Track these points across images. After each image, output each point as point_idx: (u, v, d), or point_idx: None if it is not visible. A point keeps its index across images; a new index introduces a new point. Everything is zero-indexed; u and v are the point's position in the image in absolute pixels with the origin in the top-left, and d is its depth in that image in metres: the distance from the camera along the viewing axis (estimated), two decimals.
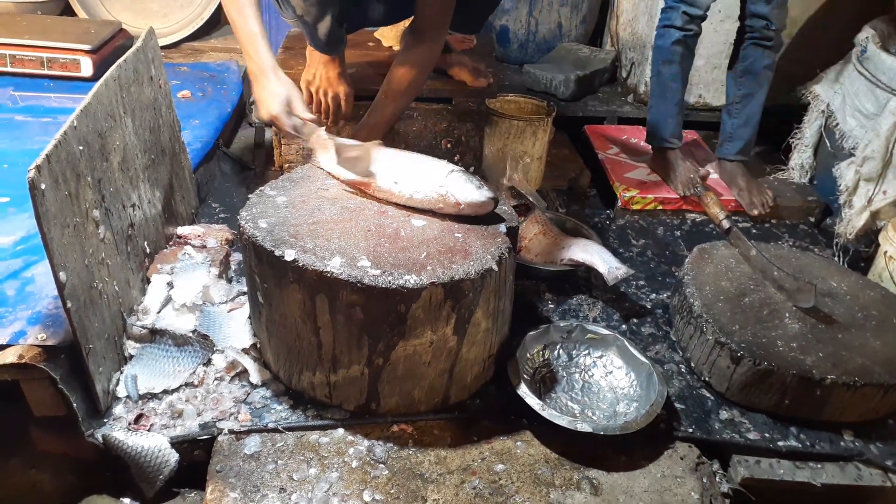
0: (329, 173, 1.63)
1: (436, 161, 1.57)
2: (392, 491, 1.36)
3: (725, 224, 1.99)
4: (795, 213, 2.46)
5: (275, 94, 1.63)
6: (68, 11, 3.09)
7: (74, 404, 1.36)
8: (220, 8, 3.18)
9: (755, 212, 2.38)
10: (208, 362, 1.55)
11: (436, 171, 1.51)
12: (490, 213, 1.51)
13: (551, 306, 1.90)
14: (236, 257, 1.89)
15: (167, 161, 1.87)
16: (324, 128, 1.65)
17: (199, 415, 1.46)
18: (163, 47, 1.94)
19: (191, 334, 1.57)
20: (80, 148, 1.38)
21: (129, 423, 1.42)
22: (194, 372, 1.53)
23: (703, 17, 2.29)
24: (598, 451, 1.48)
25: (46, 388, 1.39)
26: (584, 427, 1.44)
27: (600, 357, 1.68)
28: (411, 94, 1.99)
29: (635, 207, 2.41)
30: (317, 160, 1.65)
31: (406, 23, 2.32)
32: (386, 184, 1.53)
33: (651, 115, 2.48)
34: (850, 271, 1.93)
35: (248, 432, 1.44)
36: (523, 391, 1.49)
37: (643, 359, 1.61)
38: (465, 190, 1.47)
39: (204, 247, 1.85)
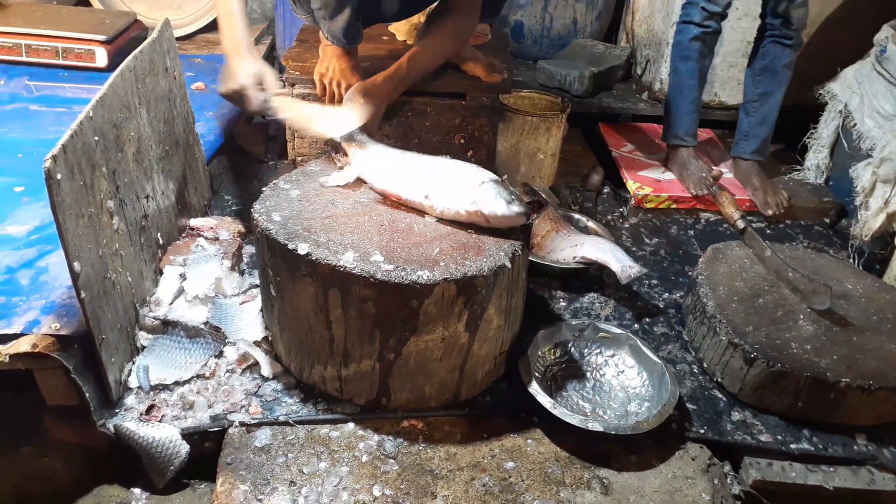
0: (362, 180, 1.60)
1: (468, 170, 1.53)
2: (402, 486, 1.36)
3: (740, 224, 1.98)
4: (811, 214, 2.44)
5: (245, 67, 1.61)
6: (83, 2, 3.10)
7: (87, 394, 1.37)
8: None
9: (769, 212, 2.36)
10: (220, 354, 1.56)
11: (467, 183, 1.47)
12: (526, 222, 1.47)
13: (563, 304, 1.89)
14: (249, 250, 1.89)
15: (181, 152, 1.88)
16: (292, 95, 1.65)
17: (210, 406, 1.47)
18: (177, 39, 1.94)
19: (203, 326, 1.57)
20: (96, 138, 1.38)
21: (141, 414, 1.43)
22: (206, 364, 1.53)
23: (724, 15, 2.27)
24: (608, 450, 1.48)
25: (59, 378, 1.39)
26: (595, 426, 1.43)
27: (612, 356, 1.67)
28: (436, 61, 1.97)
29: (649, 206, 2.40)
30: (340, 174, 1.63)
31: (420, 18, 2.31)
32: (416, 198, 1.50)
33: (667, 112, 2.46)
34: (866, 273, 1.92)
35: (259, 425, 1.44)
36: (534, 389, 1.49)
37: (655, 358, 1.60)
38: (496, 205, 1.43)
39: (216, 239, 1.85)
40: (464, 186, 1.47)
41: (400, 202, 1.53)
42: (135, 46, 1.65)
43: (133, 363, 1.51)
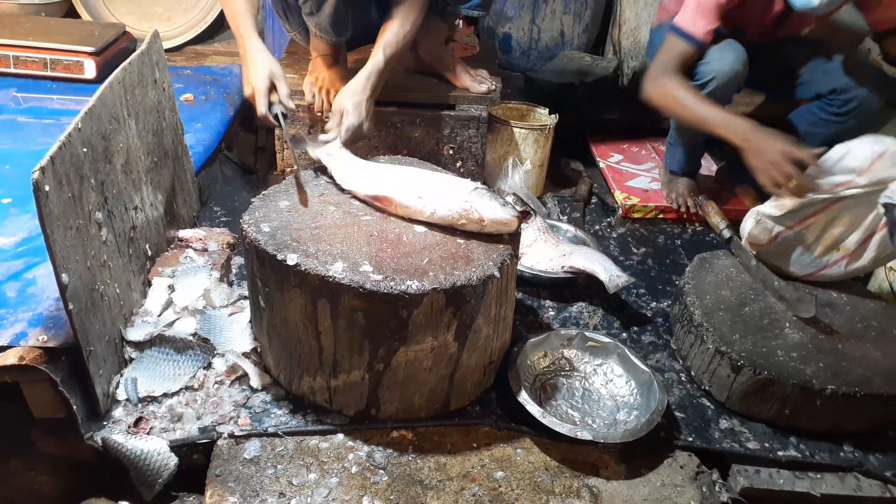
0: (349, 191, 1.59)
1: (458, 178, 1.56)
2: (391, 497, 1.36)
3: (726, 233, 1.99)
4: None
5: (258, 71, 1.69)
6: (72, 13, 3.10)
7: (74, 406, 1.36)
8: (224, 12, 3.18)
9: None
10: (208, 366, 1.55)
11: (459, 188, 1.49)
12: (515, 232, 1.47)
13: (552, 314, 1.90)
14: (237, 261, 1.89)
15: (170, 164, 1.88)
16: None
17: (198, 418, 1.46)
18: (166, 51, 1.94)
19: (191, 338, 1.57)
20: (85, 150, 1.38)
21: (129, 427, 1.42)
22: (194, 375, 1.53)
23: None
24: (597, 459, 1.49)
25: (47, 390, 1.38)
26: (584, 435, 1.44)
27: (601, 365, 1.68)
28: (400, 45, 1.90)
29: (636, 216, 2.42)
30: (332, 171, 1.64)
31: None
32: (409, 199, 1.49)
33: (680, 153, 2.42)
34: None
35: (248, 437, 1.44)
36: (524, 398, 1.49)
37: (643, 367, 1.61)
38: (490, 207, 1.44)
39: (205, 250, 1.85)
40: (458, 189, 1.49)
41: (390, 206, 1.51)
42: (124, 58, 1.66)
43: (121, 375, 1.50)
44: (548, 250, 2.00)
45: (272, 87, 1.69)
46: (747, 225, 1.89)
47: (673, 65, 2.08)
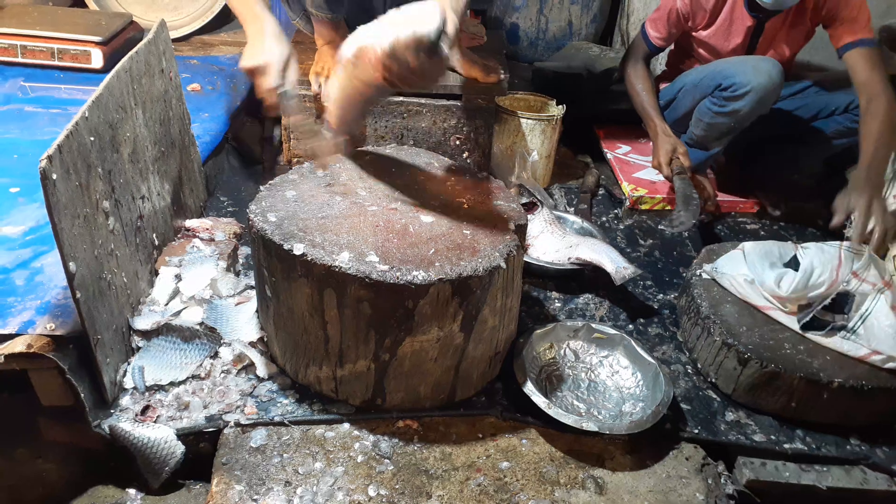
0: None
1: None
2: (397, 486, 1.36)
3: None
4: (805, 216, 2.45)
5: (277, 48, 1.59)
6: (80, 3, 3.09)
7: (82, 395, 1.37)
8: None
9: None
10: (215, 355, 1.56)
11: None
12: (439, 68, 1.27)
13: (558, 305, 1.90)
14: (244, 251, 1.90)
15: (176, 153, 1.88)
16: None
17: (205, 407, 1.47)
18: (173, 40, 1.94)
19: (198, 327, 1.57)
20: (92, 139, 1.39)
21: (136, 415, 1.43)
22: (201, 364, 1.53)
23: None
24: (603, 450, 1.49)
25: (54, 378, 1.39)
26: (589, 426, 1.44)
27: (607, 356, 1.68)
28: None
29: (643, 207, 2.41)
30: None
31: None
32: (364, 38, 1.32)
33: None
34: None
35: (254, 425, 1.44)
36: (529, 389, 1.49)
37: (650, 359, 1.61)
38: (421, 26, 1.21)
39: (212, 240, 1.85)
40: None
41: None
42: (131, 48, 1.65)
43: (128, 364, 1.51)
44: (554, 241, 1.99)
45: (284, 69, 1.63)
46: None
47: (639, 56, 2.46)
